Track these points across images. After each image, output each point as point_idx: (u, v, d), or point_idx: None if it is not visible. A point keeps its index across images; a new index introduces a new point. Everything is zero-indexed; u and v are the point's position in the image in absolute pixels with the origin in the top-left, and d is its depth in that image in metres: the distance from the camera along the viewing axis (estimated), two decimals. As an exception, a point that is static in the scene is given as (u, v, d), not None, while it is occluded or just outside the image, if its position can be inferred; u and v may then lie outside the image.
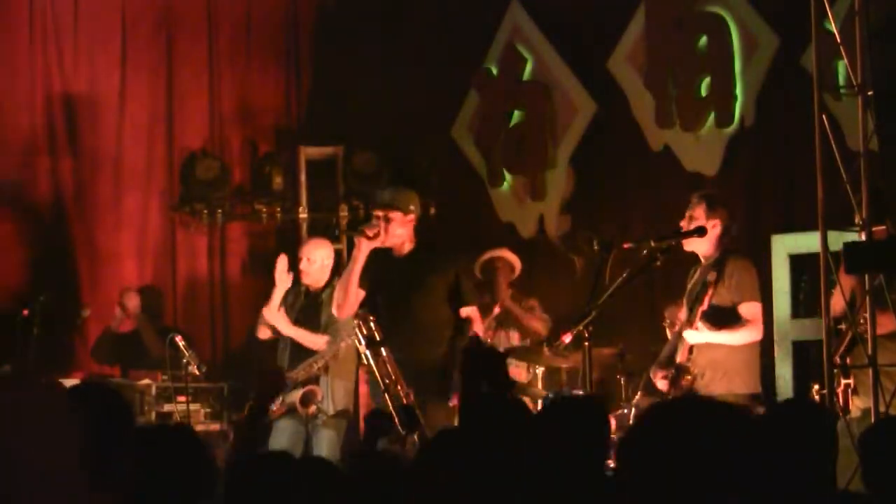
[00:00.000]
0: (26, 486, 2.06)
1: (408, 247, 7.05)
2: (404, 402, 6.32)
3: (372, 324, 6.55)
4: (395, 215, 6.97)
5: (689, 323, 6.78)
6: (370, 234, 6.94)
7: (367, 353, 6.49)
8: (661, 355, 7.04)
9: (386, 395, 6.42)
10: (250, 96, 10.65)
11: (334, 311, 7.26)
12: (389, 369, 6.47)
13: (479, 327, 7.05)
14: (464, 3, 10.10)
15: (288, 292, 8.17)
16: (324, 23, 10.80)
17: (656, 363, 7.03)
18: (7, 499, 2.05)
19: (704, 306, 6.74)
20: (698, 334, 6.77)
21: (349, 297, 7.01)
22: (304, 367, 7.98)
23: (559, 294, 8.98)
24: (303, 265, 8.18)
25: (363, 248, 6.94)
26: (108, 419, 3.16)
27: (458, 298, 7.00)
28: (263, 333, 8.27)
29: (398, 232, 6.98)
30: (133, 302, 9.44)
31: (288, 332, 8.00)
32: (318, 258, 8.18)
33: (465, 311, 7.00)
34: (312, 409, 7.92)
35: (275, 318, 8.05)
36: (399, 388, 6.41)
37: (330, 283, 8.09)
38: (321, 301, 8.05)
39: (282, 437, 8.01)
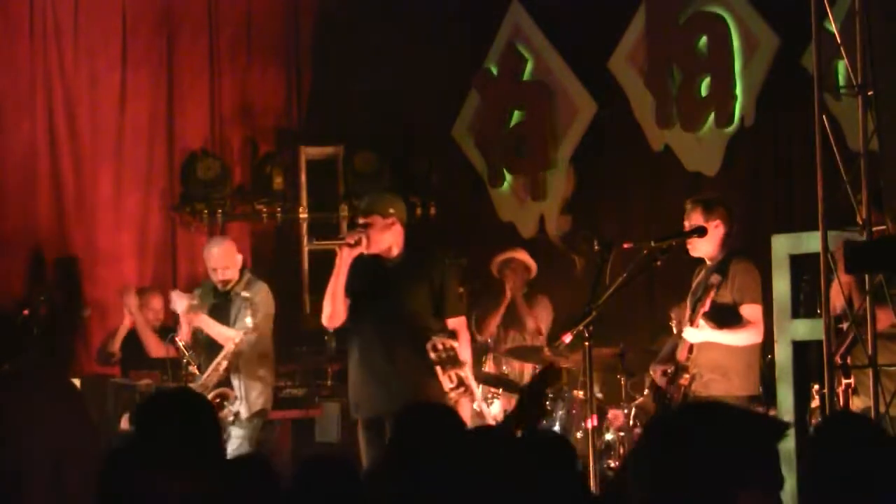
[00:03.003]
0: (38, 469, 2.14)
1: (395, 251, 6.96)
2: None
3: (445, 345, 6.56)
4: (374, 220, 6.88)
5: (690, 322, 6.79)
6: (351, 241, 6.87)
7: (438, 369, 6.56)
8: (663, 352, 7.06)
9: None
10: (251, 96, 10.65)
11: (324, 321, 7.18)
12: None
13: (464, 340, 6.86)
14: (464, 3, 10.10)
15: (203, 294, 8.18)
16: (324, 23, 10.80)
17: (657, 359, 7.04)
18: (19, 478, 2.12)
19: (706, 307, 6.74)
20: (699, 332, 6.77)
21: (336, 307, 6.94)
22: (212, 370, 7.84)
23: (560, 294, 8.98)
24: (227, 275, 8.10)
25: (344, 257, 6.85)
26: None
27: (440, 306, 6.89)
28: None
29: (381, 236, 6.91)
30: (131, 300, 9.43)
31: (208, 328, 7.97)
32: (230, 261, 8.15)
33: (451, 323, 6.87)
34: (226, 412, 7.81)
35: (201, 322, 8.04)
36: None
37: (240, 280, 8.10)
38: (231, 298, 8.03)
39: None
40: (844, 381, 6.33)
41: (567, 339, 6.42)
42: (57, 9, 10.22)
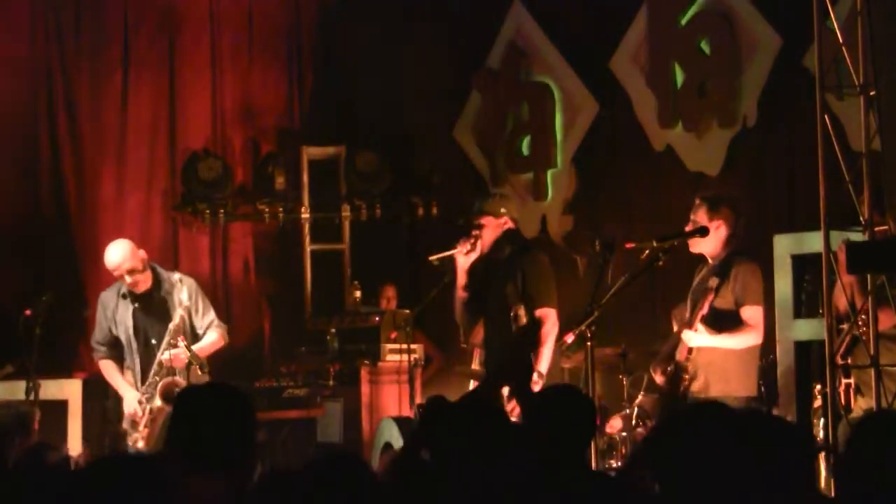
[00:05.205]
0: None
1: (507, 249, 7.22)
2: None
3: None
4: (487, 220, 7.21)
5: (689, 325, 6.77)
6: (463, 250, 7.18)
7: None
8: (663, 351, 7.04)
9: None
10: (252, 96, 10.64)
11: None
12: None
13: (546, 332, 7.06)
14: (466, 3, 10.10)
15: (117, 301, 7.97)
16: (326, 23, 10.80)
17: (657, 359, 7.04)
18: None
19: (704, 310, 6.72)
20: (697, 337, 6.76)
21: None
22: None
23: (561, 294, 8.97)
24: (133, 279, 7.84)
25: (461, 265, 7.24)
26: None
27: (529, 298, 7.09)
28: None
29: (493, 237, 7.20)
30: None
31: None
32: (134, 262, 7.88)
33: (538, 313, 7.08)
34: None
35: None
36: None
37: (159, 277, 7.90)
38: (154, 296, 7.84)
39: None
40: (845, 381, 6.33)
41: (569, 339, 6.44)
42: (59, 8, 10.23)
